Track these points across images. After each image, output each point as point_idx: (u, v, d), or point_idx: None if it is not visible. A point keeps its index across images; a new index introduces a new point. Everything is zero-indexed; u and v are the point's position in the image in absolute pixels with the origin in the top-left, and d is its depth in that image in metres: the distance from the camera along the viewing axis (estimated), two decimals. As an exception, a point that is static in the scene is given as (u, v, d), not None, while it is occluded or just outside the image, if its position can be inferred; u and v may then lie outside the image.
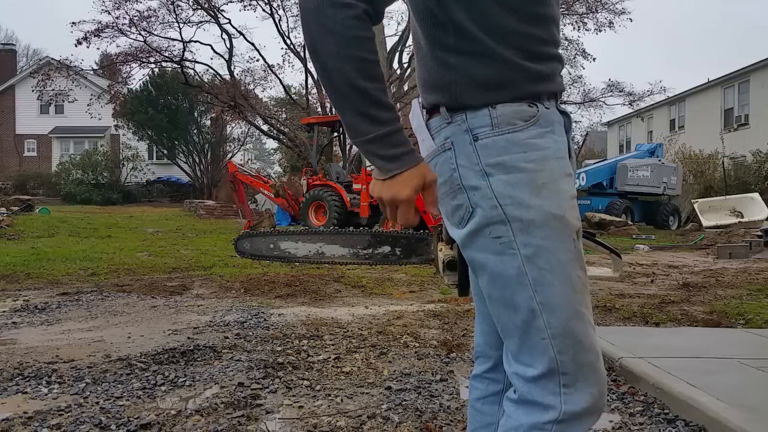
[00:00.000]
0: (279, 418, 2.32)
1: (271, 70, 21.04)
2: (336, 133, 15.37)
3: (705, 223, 14.11)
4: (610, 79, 23.95)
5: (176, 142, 27.53)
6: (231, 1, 22.48)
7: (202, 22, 19.44)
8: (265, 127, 21.54)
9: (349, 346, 3.38)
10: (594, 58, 21.17)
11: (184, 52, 19.43)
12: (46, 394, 2.54)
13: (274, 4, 19.75)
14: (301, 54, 20.65)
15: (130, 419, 2.26)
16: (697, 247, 10.80)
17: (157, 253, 8.28)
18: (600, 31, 19.68)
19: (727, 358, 2.91)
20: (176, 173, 29.00)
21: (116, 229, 12.43)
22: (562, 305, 1.00)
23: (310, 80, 20.82)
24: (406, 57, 20.40)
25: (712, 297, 5.12)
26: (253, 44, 29.75)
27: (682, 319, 4.19)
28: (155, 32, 18.81)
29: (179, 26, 18.92)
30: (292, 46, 20.66)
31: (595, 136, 32.72)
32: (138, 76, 39.52)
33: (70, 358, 3.08)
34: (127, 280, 5.87)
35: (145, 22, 18.46)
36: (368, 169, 12.22)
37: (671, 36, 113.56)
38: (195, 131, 27.95)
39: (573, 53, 20.99)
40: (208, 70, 21.35)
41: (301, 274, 6.22)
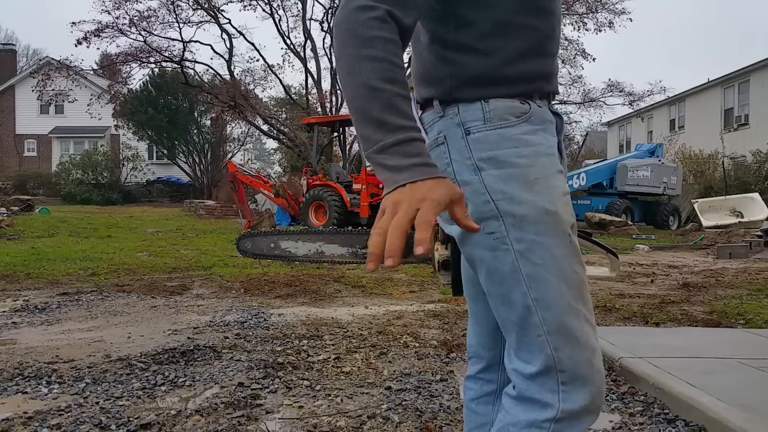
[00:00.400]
0: (279, 418, 2.32)
1: (271, 70, 21.07)
2: (336, 133, 15.38)
3: (705, 223, 14.11)
4: (610, 79, 24.02)
5: (176, 142, 27.56)
6: (231, 1, 22.53)
7: (202, 22, 19.49)
8: (265, 127, 21.56)
9: (349, 346, 3.38)
10: (594, 58, 21.21)
11: (184, 52, 19.47)
12: (46, 394, 2.53)
13: (274, 4, 19.79)
14: (301, 54, 20.67)
15: (130, 419, 2.26)
16: (697, 247, 10.80)
17: (157, 253, 8.28)
18: (600, 31, 19.72)
19: (727, 358, 2.91)
20: (176, 173, 29.02)
21: (116, 229, 12.43)
22: (557, 301, 0.99)
23: (310, 80, 20.84)
24: (406, 57, 20.41)
25: (712, 297, 5.12)
26: (253, 44, 29.83)
27: (682, 319, 4.19)
28: (155, 32, 18.88)
29: (179, 26, 18.98)
30: (292, 46, 20.67)
31: (595, 136, 32.71)
32: (138, 76, 39.58)
33: (70, 358, 3.08)
34: (127, 280, 5.87)
35: (145, 22, 18.52)
36: (368, 168, 12.22)
37: (671, 36, 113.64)
38: (195, 131, 27.97)
39: (573, 53, 21.02)
40: (208, 70, 21.40)
41: (301, 274, 6.22)
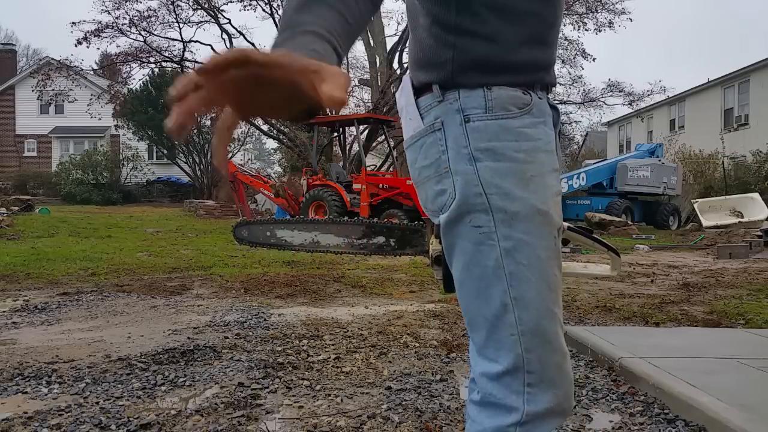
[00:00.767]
0: (279, 418, 2.32)
1: (271, 70, 21.03)
2: (336, 133, 15.39)
3: (705, 223, 14.11)
4: (610, 79, 24.02)
5: (176, 142, 27.53)
6: (231, 1, 22.48)
7: (202, 22, 19.48)
8: (265, 127, 21.54)
9: (349, 346, 3.38)
10: (594, 58, 21.20)
11: (184, 52, 19.44)
12: (46, 394, 2.53)
13: (274, 4, 19.79)
14: (301, 54, 20.62)
15: (130, 419, 2.26)
16: (697, 247, 10.80)
17: (157, 253, 8.28)
18: (600, 31, 19.70)
19: (727, 358, 2.91)
20: (176, 173, 29.01)
21: (116, 229, 12.43)
22: (536, 302, 0.97)
23: (310, 80, 20.79)
24: (406, 57, 20.39)
25: (712, 297, 5.12)
26: (253, 44, 29.59)
27: (682, 319, 4.19)
28: (155, 32, 18.85)
29: (179, 26, 18.96)
30: (292, 46, 20.64)
31: (595, 136, 32.71)
32: (138, 76, 39.64)
33: (70, 358, 3.08)
34: (127, 280, 5.87)
35: (145, 22, 18.50)
36: (368, 168, 12.21)
37: (671, 36, 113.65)
38: (195, 131, 27.95)
39: (573, 53, 21.02)
40: (208, 70, 21.35)
41: (301, 274, 6.22)
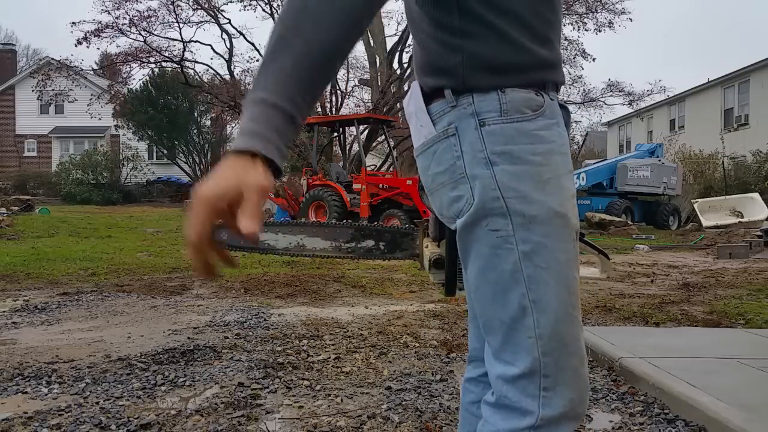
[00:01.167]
0: (279, 418, 2.32)
1: (271, 70, 21.04)
2: (336, 133, 15.39)
3: (705, 223, 14.11)
4: (609, 79, 23.99)
5: (176, 142, 27.57)
6: (231, 1, 22.55)
7: (202, 22, 19.49)
8: (265, 127, 21.53)
9: (349, 346, 3.38)
10: (594, 58, 21.20)
11: (184, 52, 19.46)
12: (46, 394, 2.53)
13: (274, 4, 19.77)
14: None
15: (130, 419, 2.26)
16: (697, 247, 10.80)
17: (157, 253, 8.28)
18: (600, 31, 19.71)
19: (727, 358, 2.91)
20: (176, 173, 29.01)
21: (116, 229, 12.43)
22: (555, 305, 0.97)
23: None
24: (406, 57, 20.41)
25: (712, 297, 5.12)
26: (253, 44, 29.58)
27: (682, 319, 4.19)
28: (155, 32, 18.86)
29: (179, 26, 18.96)
30: (292, 46, 20.64)
31: (595, 136, 32.73)
32: (138, 76, 39.59)
33: (70, 358, 3.08)
34: (127, 280, 5.87)
35: (145, 22, 18.51)
36: (368, 168, 12.21)
37: (671, 36, 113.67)
38: (195, 131, 27.99)
39: (573, 53, 20.99)
40: (208, 70, 21.42)
41: (301, 274, 6.22)
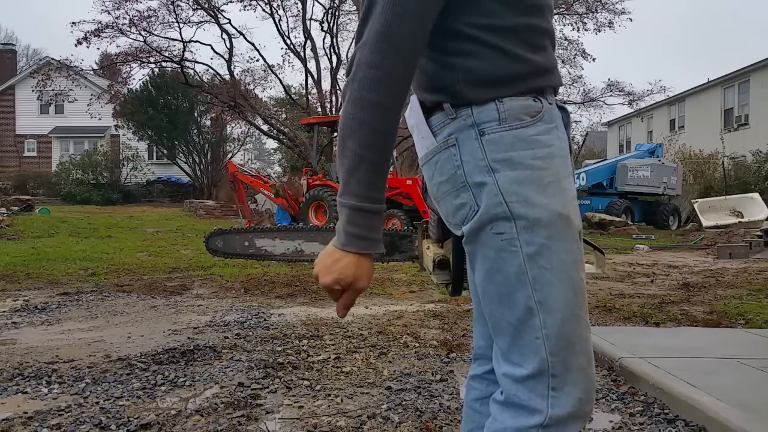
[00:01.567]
0: (279, 418, 2.32)
1: (271, 70, 21.06)
2: (336, 133, 15.37)
3: (705, 223, 14.11)
4: (609, 79, 23.98)
5: (176, 142, 27.55)
6: (231, 1, 22.52)
7: (202, 22, 19.49)
8: (265, 127, 21.55)
9: (349, 346, 3.38)
10: (594, 58, 21.21)
11: (184, 52, 19.46)
12: (46, 394, 2.53)
13: (274, 4, 19.79)
14: (301, 54, 20.65)
15: (130, 419, 2.26)
16: (697, 247, 10.80)
17: (157, 253, 8.28)
18: (600, 31, 19.73)
19: (727, 358, 2.91)
20: (176, 173, 29.00)
21: (116, 229, 12.43)
22: (560, 306, 0.99)
23: (310, 80, 20.83)
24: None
25: (712, 297, 5.12)
26: (253, 44, 29.76)
27: (682, 319, 4.19)
28: (155, 32, 18.86)
29: (179, 26, 18.97)
30: (292, 46, 20.66)
31: (595, 136, 32.71)
32: (138, 76, 39.56)
33: (70, 358, 3.08)
34: (127, 280, 5.87)
35: (145, 22, 18.50)
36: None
37: (671, 36, 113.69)
38: (195, 131, 27.96)
39: (573, 53, 21.02)
40: (208, 70, 21.39)
41: (301, 274, 6.22)
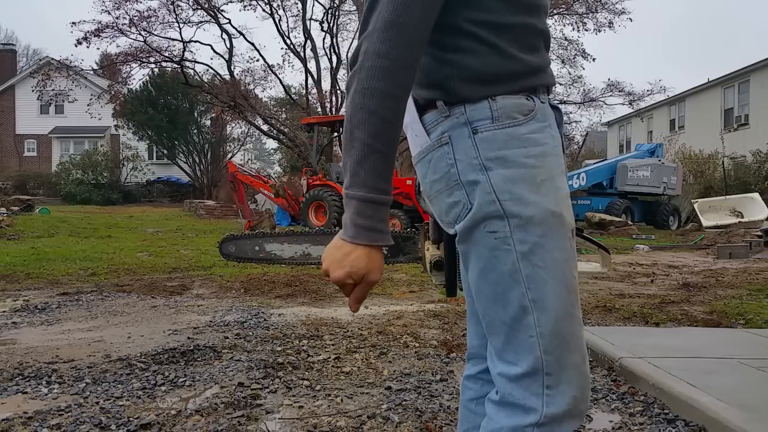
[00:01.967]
0: (279, 418, 2.32)
1: (271, 70, 21.06)
2: (336, 133, 15.37)
3: (705, 223, 14.11)
4: (609, 79, 23.95)
5: (176, 142, 27.55)
6: (231, 1, 22.51)
7: (202, 22, 19.48)
8: (265, 127, 21.54)
9: (349, 346, 3.38)
10: (594, 59, 21.20)
11: (184, 52, 19.45)
12: (46, 394, 2.53)
13: (274, 4, 19.79)
14: (301, 54, 20.65)
15: (130, 419, 2.26)
16: (697, 247, 10.80)
17: (157, 253, 8.28)
18: (600, 31, 19.72)
19: (727, 358, 2.91)
20: (176, 173, 29.01)
21: (116, 229, 12.44)
22: (554, 304, 0.99)
23: (310, 80, 20.83)
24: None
25: (712, 297, 5.12)
26: (253, 44, 29.68)
27: (682, 319, 4.19)
28: (155, 32, 18.85)
29: (179, 26, 18.96)
30: (292, 46, 20.66)
31: (595, 136, 32.70)
32: (138, 76, 39.56)
33: (70, 358, 3.08)
34: (127, 280, 5.87)
35: (145, 22, 18.50)
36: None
37: (671, 36, 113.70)
38: (195, 131, 27.96)
39: (573, 53, 21.01)
40: (208, 70, 21.39)
41: (301, 274, 6.22)
